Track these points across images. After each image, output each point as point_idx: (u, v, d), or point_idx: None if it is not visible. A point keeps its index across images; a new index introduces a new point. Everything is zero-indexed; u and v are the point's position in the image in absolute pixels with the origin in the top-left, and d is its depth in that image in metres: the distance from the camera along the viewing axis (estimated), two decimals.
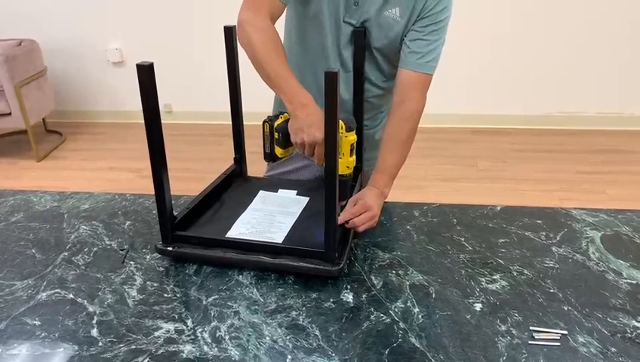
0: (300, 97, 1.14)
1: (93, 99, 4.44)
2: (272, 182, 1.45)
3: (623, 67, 3.81)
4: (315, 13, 1.26)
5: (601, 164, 3.45)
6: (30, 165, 3.75)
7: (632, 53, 3.77)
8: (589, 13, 3.69)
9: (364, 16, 1.25)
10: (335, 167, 0.99)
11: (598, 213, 1.31)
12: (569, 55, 3.81)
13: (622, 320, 0.97)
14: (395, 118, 1.30)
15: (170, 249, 1.14)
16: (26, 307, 1.03)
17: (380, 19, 1.24)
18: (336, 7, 1.25)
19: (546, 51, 3.82)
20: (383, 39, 1.27)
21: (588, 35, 3.75)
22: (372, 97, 1.38)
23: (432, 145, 3.68)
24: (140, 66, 0.98)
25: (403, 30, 1.26)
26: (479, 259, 1.15)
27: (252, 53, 1.17)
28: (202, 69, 4.11)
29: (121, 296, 1.05)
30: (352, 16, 1.25)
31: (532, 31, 3.78)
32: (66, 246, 1.22)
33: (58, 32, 4.18)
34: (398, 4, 1.23)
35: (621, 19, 3.68)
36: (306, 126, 1.11)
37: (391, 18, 1.24)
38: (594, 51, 3.79)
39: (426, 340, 0.93)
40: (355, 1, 1.23)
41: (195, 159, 3.62)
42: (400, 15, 1.23)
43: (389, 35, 1.27)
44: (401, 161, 1.31)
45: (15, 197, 1.44)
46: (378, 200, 1.23)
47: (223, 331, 0.96)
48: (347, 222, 1.16)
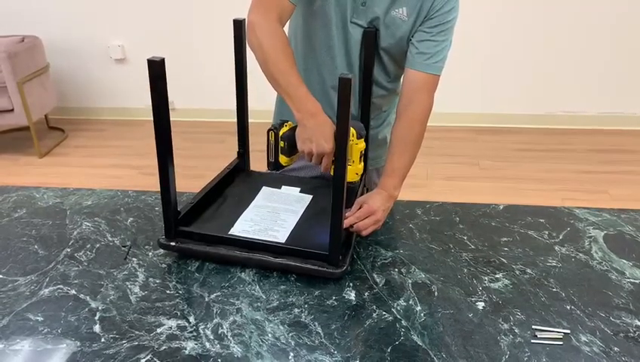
0: (308, 106, 1.12)
1: (95, 96, 4.44)
2: (275, 177, 1.44)
3: (626, 66, 3.80)
4: (322, 14, 1.26)
5: (603, 164, 3.45)
6: (32, 161, 3.76)
7: (635, 52, 3.76)
8: (591, 13, 3.68)
9: (371, 16, 1.24)
10: (344, 174, 0.98)
11: (601, 212, 1.31)
12: (572, 54, 3.81)
13: (625, 320, 0.97)
14: (404, 120, 1.28)
15: (173, 244, 1.14)
16: (29, 303, 1.03)
17: (387, 18, 1.24)
18: (344, 7, 1.24)
19: (549, 50, 3.82)
20: (389, 39, 1.27)
21: (591, 34, 3.74)
22: (376, 98, 1.38)
23: (435, 143, 3.68)
24: (152, 61, 0.98)
25: (410, 30, 1.25)
26: (482, 257, 1.15)
27: (262, 57, 1.16)
28: (205, 66, 4.11)
29: (123, 293, 1.05)
30: (359, 16, 1.25)
31: (535, 30, 3.77)
32: (68, 242, 1.22)
33: (61, 29, 4.18)
34: (405, 4, 1.22)
35: (624, 19, 3.67)
36: (315, 136, 1.10)
37: (398, 18, 1.23)
38: (597, 50, 3.78)
39: (428, 338, 0.93)
40: (362, 2, 1.23)
41: (196, 156, 3.62)
42: (407, 15, 1.23)
43: (395, 34, 1.26)
44: (411, 162, 1.30)
45: (18, 193, 1.44)
46: (385, 203, 1.21)
47: (226, 328, 0.96)
48: (352, 226, 1.16)
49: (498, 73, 3.92)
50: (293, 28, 1.37)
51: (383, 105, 1.43)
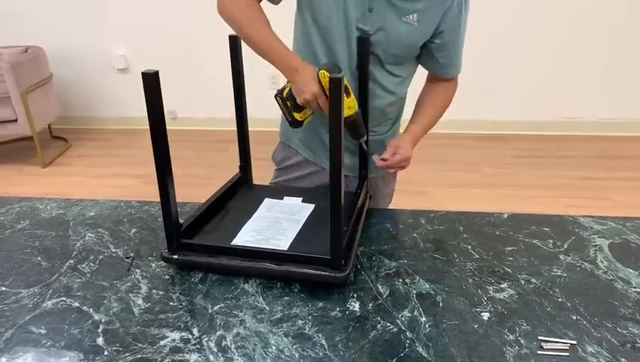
0: (291, 63, 1.22)
1: (98, 106, 4.46)
2: (278, 189, 1.44)
3: (626, 73, 3.80)
4: (325, 19, 1.26)
5: (606, 170, 3.44)
6: (36, 171, 3.77)
7: (635, 58, 3.76)
8: (590, 20, 3.69)
9: (378, 22, 1.24)
10: (340, 164, 0.97)
11: (606, 220, 1.30)
12: (573, 61, 3.81)
13: (631, 330, 0.96)
14: (436, 86, 1.43)
15: (175, 257, 1.14)
16: (32, 315, 1.02)
17: (397, 25, 1.24)
18: (348, 12, 1.24)
19: (550, 57, 3.82)
20: (401, 46, 1.28)
21: (590, 40, 3.74)
22: (384, 104, 1.38)
23: (437, 151, 3.68)
24: (146, 74, 0.98)
25: (422, 35, 1.27)
26: (486, 267, 1.14)
27: (238, 28, 1.25)
28: (206, 75, 4.12)
29: (126, 305, 1.05)
30: (365, 22, 1.25)
31: (536, 37, 3.78)
32: (71, 253, 1.22)
33: (64, 39, 4.20)
34: (415, 10, 1.23)
35: (623, 25, 3.68)
36: (304, 85, 1.20)
37: (409, 24, 1.24)
38: (598, 57, 3.78)
39: (433, 350, 0.92)
40: (369, 7, 1.23)
41: (199, 165, 3.63)
42: (417, 20, 1.24)
43: (406, 41, 1.27)
44: (435, 122, 1.44)
45: (21, 204, 1.44)
46: (411, 146, 1.37)
47: (229, 340, 0.95)
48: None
49: (499, 80, 3.92)
50: (295, 36, 1.38)
51: (390, 112, 1.43)
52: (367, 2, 1.23)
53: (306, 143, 1.46)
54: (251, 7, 1.24)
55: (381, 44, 1.27)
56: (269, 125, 1.51)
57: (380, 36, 1.26)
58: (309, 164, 1.48)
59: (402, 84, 1.39)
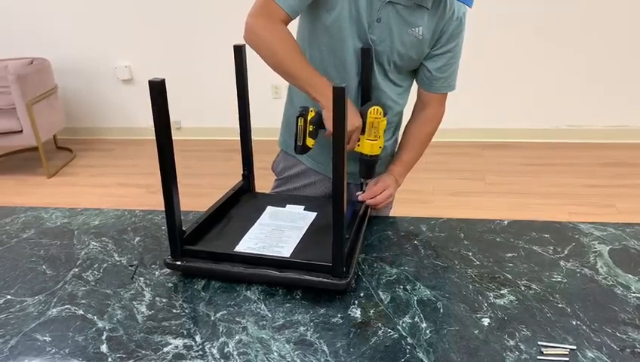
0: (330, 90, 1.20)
1: (103, 116, 4.49)
2: (280, 197, 1.45)
3: (631, 80, 3.80)
4: (338, 30, 1.28)
5: (610, 178, 3.44)
6: (41, 181, 3.80)
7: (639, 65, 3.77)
8: (595, 27, 3.70)
9: (386, 32, 1.27)
10: (343, 173, 0.99)
11: (606, 226, 1.31)
12: (577, 69, 3.82)
13: (631, 335, 0.96)
14: (418, 120, 1.44)
15: (178, 263, 1.15)
16: (37, 323, 1.04)
17: (403, 37, 1.27)
18: (361, 22, 1.26)
19: (553, 64, 3.83)
20: (406, 58, 1.31)
21: (594, 47, 3.75)
22: (389, 115, 1.39)
23: (440, 159, 3.68)
24: (153, 82, 1.00)
25: (426, 48, 1.31)
26: (487, 273, 1.15)
27: (271, 54, 1.23)
28: (210, 85, 4.16)
29: (130, 312, 1.06)
30: (373, 32, 1.27)
31: (540, 45, 3.79)
32: (76, 262, 1.23)
33: (68, 51, 4.25)
34: (422, 24, 1.26)
35: (629, 32, 3.69)
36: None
37: (414, 36, 1.27)
38: (602, 65, 3.79)
39: (433, 355, 0.93)
40: (377, 18, 1.25)
41: (204, 175, 3.65)
42: (422, 34, 1.27)
43: (410, 52, 1.30)
44: (418, 158, 1.47)
45: (26, 213, 1.46)
46: (393, 183, 1.39)
47: (232, 347, 0.96)
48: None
49: (502, 88, 3.93)
50: (301, 44, 1.39)
51: (393, 121, 1.45)
52: (376, 13, 1.25)
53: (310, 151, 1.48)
54: (285, 34, 1.23)
55: (386, 53, 1.30)
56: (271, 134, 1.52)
57: (386, 46, 1.28)
58: (311, 173, 1.49)
59: (404, 94, 1.42)
